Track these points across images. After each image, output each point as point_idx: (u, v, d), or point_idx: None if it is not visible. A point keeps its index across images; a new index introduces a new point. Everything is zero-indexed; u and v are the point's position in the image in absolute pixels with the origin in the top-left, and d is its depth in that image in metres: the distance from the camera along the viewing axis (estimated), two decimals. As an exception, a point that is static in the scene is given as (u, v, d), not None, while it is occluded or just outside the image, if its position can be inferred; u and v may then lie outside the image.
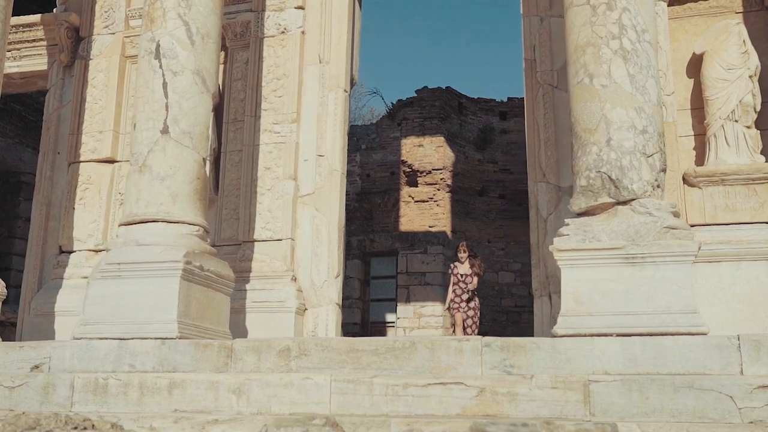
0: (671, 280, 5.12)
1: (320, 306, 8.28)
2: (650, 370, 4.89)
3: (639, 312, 5.11)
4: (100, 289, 6.20)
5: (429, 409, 4.86)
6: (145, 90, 6.64)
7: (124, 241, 6.31)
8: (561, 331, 5.17)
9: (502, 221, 20.78)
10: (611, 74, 5.59)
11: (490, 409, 4.76)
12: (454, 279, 10.45)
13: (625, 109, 5.53)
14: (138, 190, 6.46)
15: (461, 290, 10.33)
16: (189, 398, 5.30)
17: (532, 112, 8.19)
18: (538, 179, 8.02)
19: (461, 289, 10.33)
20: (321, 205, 8.54)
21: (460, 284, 10.39)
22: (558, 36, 8.19)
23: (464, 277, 10.34)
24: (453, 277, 10.46)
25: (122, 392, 5.45)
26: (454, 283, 10.45)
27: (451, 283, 10.48)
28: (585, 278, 5.27)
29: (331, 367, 5.41)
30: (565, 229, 5.59)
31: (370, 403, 4.96)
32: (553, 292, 7.71)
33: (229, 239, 8.56)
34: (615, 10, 5.69)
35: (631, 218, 5.39)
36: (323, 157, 8.64)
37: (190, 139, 6.58)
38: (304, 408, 5.06)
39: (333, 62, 8.87)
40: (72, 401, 5.53)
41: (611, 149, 5.49)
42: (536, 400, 4.72)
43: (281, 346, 5.58)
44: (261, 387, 5.18)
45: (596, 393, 4.65)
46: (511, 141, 21.23)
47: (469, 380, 4.89)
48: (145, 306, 6.05)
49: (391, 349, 5.36)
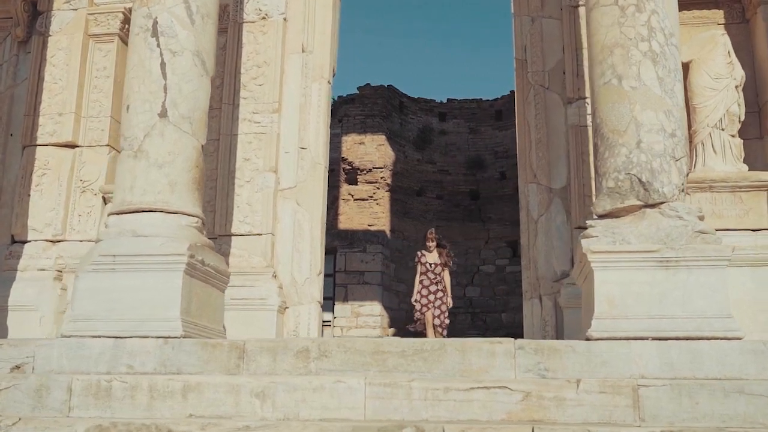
0: (705, 284, 5.12)
1: (302, 304, 7.97)
2: (687, 374, 4.87)
3: (674, 316, 5.08)
4: (92, 282, 5.71)
5: (472, 414, 4.67)
6: (141, 70, 6.17)
7: (119, 232, 5.83)
8: (596, 334, 5.09)
9: (440, 222, 20.78)
10: (641, 76, 5.56)
11: (536, 414, 4.61)
12: (422, 269, 9.38)
13: (655, 112, 5.51)
14: (133, 176, 5.98)
15: (429, 281, 9.26)
16: (206, 402, 4.91)
17: (523, 112, 8.13)
18: (529, 180, 7.97)
19: (429, 280, 9.26)
20: (303, 200, 8.22)
21: (428, 274, 9.30)
22: (550, 37, 8.20)
23: (433, 267, 9.28)
24: (420, 267, 9.40)
25: (129, 396, 5.00)
26: (422, 273, 9.37)
27: (418, 273, 9.41)
28: (618, 281, 5.20)
29: (354, 370, 5.14)
30: (592, 231, 5.51)
31: (408, 408, 4.72)
32: (544, 294, 7.69)
33: (98, 239, 8.14)
34: (644, 12, 5.67)
35: (660, 221, 5.36)
36: (306, 149, 8.33)
37: (190, 124, 6.16)
38: (336, 414, 4.77)
39: (317, 52, 8.57)
40: (70, 405, 5.04)
41: (641, 151, 5.45)
42: (584, 405, 4.61)
43: (299, 347, 5.26)
44: (288, 391, 4.85)
45: (645, 398, 4.57)
46: (449, 142, 21.32)
47: (513, 384, 4.73)
48: (145, 302, 5.60)
49: (419, 351, 5.14)
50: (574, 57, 8.01)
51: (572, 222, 7.71)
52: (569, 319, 7.30)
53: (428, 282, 9.22)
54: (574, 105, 7.93)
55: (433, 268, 9.23)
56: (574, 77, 7.97)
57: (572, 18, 8.10)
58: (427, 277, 9.24)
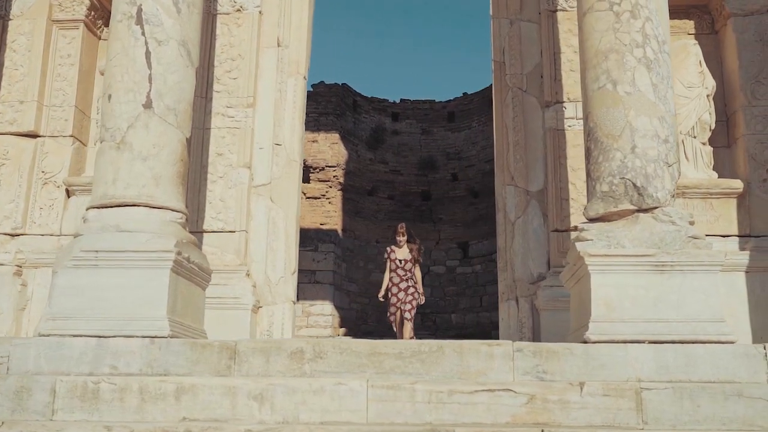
0: (699, 289, 5.20)
1: (275, 304, 7.81)
2: (682, 377, 4.94)
3: (669, 320, 5.15)
4: (73, 279, 5.45)
5: (476, 417, 4.63)
6: (124, 58, 5.93)
7: (101, 226, 5.58)
8: (593, 337, 5.12)
9: (391, 222, 20.75)
10: (635, 82, 5.62)
11: (540, 417, 4.61)
12: (392, 265, 9.01)
13: (649, 118, 5.58)
14: (115, 169, 5.74)
15: (400, 278, 8.89)
16: (201, 405, 4.74)
17: (501, 114, 8.15)
18: (506, 182, 7.99)
19: (400, 277, 8.89)
20: (278, 197, 8.06)
21: (398, 271, 8.93)
22: (528, 40, 8.24)
23: (403, 263, 8.92)
24: (390, 263, 9.04)
25: (117, 398, 4.79)
26: (392, 270, 9.00)
27: (388, 270, 9.04)
28: (615, 284, 5.25)
29: (350, 372, 5.04)
30: (586, 234, 5.54)
31: (412, 411, 4.66)
32: (520, 296, 7.72)
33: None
34: (639, 18, 5.73)
35: (653, 226, 5.44)
36: (281, 146, 8.17)
37: (175, 116, 5.95)
38: (337, 417, 4.67)
39: (293, 46, 8.42)
40: (53, 408, 4.80)
41: (636, 156, 5.51)
42: (588, 408, 4.63)
43: (293, 348, 5.14)
44: (287, 393, 4.73)
45: (648, 401, 4.62)
46: (402, 142, 21.33)
47: (518, 387, 4.71)
48: (129, 300, 5.38)
49: (416, 353, 5.08)
50: (552, 61, 8.08)
51: (549, 225, 7.77)
52: (547, 321, 7.35)
53: (398, 279, 8.91)
54: (551, 109, 7.99)
55: (403, 264, 8.93)
56: (552, 81, 8.03)
57: (550, 22, 8.16)
58: (397, 275, 8.93)
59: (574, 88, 7.97)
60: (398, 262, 8.95)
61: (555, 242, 7.68)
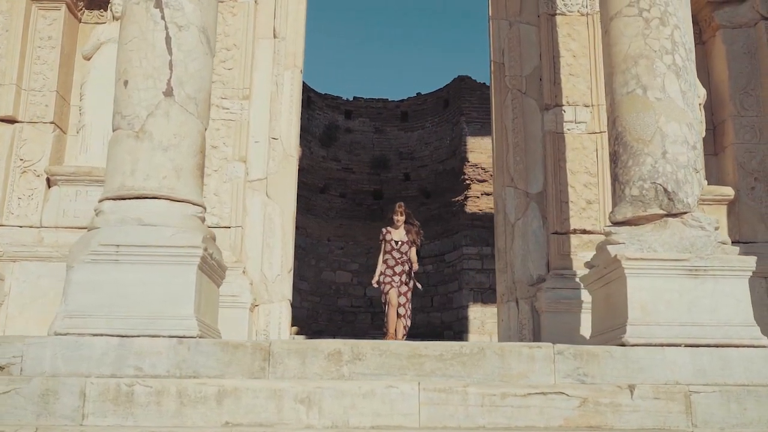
0: (731, 293, 5.29)
1: (272, 302, 7.59)
2: (718, 380, 5.01)
3: (703, 323, 5.22)
4: (91, 274, 5.13)
5: (529, 420, 4.58)
6: (142, 42, 5.62)
7: (121, 219, 5.27)
8: (632, 339, 5.14)
9: (342, 220, 20.66)
10: (665, 88, 5.68)
11: (593, 420, 4.59)
12: (387, 247, 8.16)
13: (679, 124, 5.65)
14: (134, 159, 5.43)
15: (395, 260, 8.06)
16: (244, 409, 4.52)
17: (501, 116, 8.14)
18: (506, 184, 7.98)
19: (395, 260, 8.05)
20: (274, 192, 7.84)
21: (393, 253, 8.08)
22: (527, 43, 8.27)
23: (399, 245, 8.08)
24: (385, 245, 8.19)
25: (154, 401, 4.52)
26: (387, 251, 8.15)
27: (382, 252, 8.21)
28: (650, 288, 5.29)
29: (390, 374, 4.91)
30: (617, 237, 5.57)
31: (464, 415, 4.57)
32: (520, 298, 7.73)
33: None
34: (668, 26, 5.80)
35: (683, 231, 5.51)
36: (277, 140, 7.96)
37: (195, 105, 5.68)
38: (388, 420, 4.53)
39: (289, 38, 8.21)
40: (83, 413, 4.49)
41: (667, 162, 5.57)
42: (639, 411, 4.64)
43: (331, 349, 4.97)
44: (335, 396, 4.56)
45: (697, 404, 4.67)
46: (355, 141, 21.20)
47: (570, 389, 4.69)
48: (153, 298, 5.10)
49: (457, 354, 4.99)
50: (551, 65, 8.12)
51: (548, 227, 7.80)
52: (549, 323, 7.38)
53: (393, 262, 8.08)
54: (551, 112, 8.03)
55: (399, 246, 8.11)
56: (551, 84, 8.07)
57: (550, 26, 8.20)
58: (392, 257, 8.10)
59: (572, 91, 8.05)
60: (394, 243, 8.13)
61: (555, 244, 7.71)
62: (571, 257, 7.63)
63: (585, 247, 7.65)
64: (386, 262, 8.09)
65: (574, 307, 7.31)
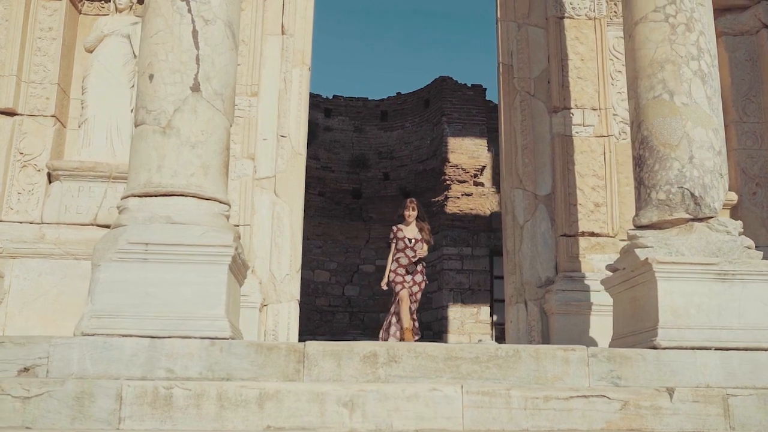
0: (758, 297, 5.36)
1: (280, 302, 7.49)
2: (747, 383, 5.07)
3: (732, 327, 5.28)
4: (118, 273, 4.98)
5: (571, 423, 4.58)
6: (168, 36, 5.48)
7: (149, 217, 5.13)
8: (664, 343, 5.17)
9: (321, 219, 20.54)
10: (692, 94, 5.74)
11: (634, 423, 4.61)
12: (399, 245, 7.64)
13: (705, 129, 5.71)
14: (161, 155, 5.30)
15: (408, 259, 7.53)
16: (287, 413, 4.43)
17: (509, 117, 8.15)
18: (515, 185, 7.99)
19: (408, 258, 7.53)
20: (283, 191, 7.74)
21: (406, 251, 7.55)
22: (535, 45, 8.30)
23: (413, 243, 7.57)
24: (398, 242, 7.66)
25: (193, 404, 4.40)
26: (399, 249, 7.61)
27: (393, 250, 7.70)
28: (680, 291, 5.33)
29: (426, 376, 4.87)
30: (645, 241, 5.61)
31: (507, 418, 4.54)
32: (529, 300, 7.74)
33: (115, 224, 7.41)
34: (693, 32, 5.86)
35: (708, 235, 5.56)
36: (286, 138, 7.85)
37: (222, 102, 5.56)
38: (432, 424, 4.48)
39: (298, 35, 8.10)
40: (120, 416, 4.35)
41: (694, 167, 5.63)
42: (679, 414, 4.66)
43: (366, 351, 4.90)
44: (379, 399, 4.50)
45: (735, 407, 4.71)
46: (334, 139, 21.10)
47: (611, 393, 4.69)
48: (184, 297, 4.97)
49: (493, 357, 4.97)
50: (560, 68, 8.15)
51: (557, 229, 7.83)
52: (560, 325, 7.41)
53: (406, 261, 7.55)
54: (559, 114, 8.06)
55: (412, 244, 7.59)
56: (560, 87, 8.10)
57: (558, 29, 8.23)
58: (405, 255, 7.56)
59: (581, 95, 8.10)
60: (407, 241, 7.60)
61: (563, 247, 7.74)
62: (580, 260, 7.68)
63: (593, 250, 7.71)
64: (398, 261, 7.61)
65: (584, 309, 7.36)
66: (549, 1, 8.34)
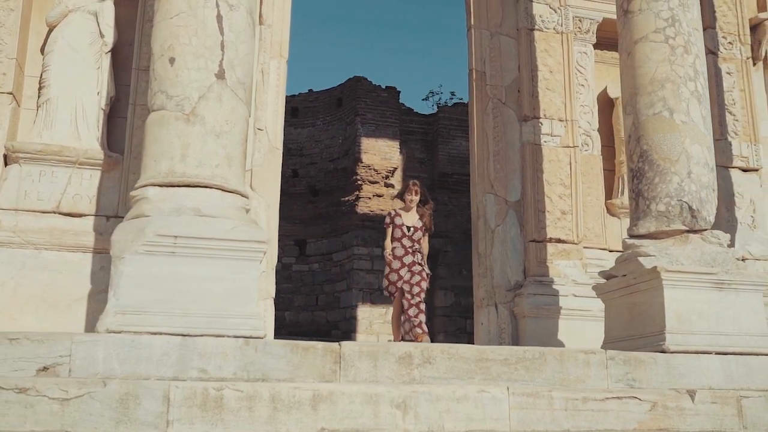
0: (749, 306, 5.77)
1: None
2: (743, 385, 5.45)
3: (729, 333, 5.64)
4: (145, 267, 4.68)
5: (607, 424, 4.75)
6: (191, 18, 5.21)
7: (175, 208, 4.85)
8: (672, 347, 5.46)
9: (280, 220, 20.07)
10: (689, 112, 6.09)
11: (662, 423, 4.84)
12: (396, 233, 6.89)
13: (701, 146, 6.07)
14: (184, 144, 5.02)
15: (405, 250, 6.87)
16: (341, 414, 4.33)
17: (482, 123, 8.30)
18: (486, 190, 8.15)
19: (405, 249, 6.87)
20: (259, 186, 7.50)
21: (403, 241, 6.87)
22: (507, 54, 8.51)
23: (412, 231, 6.90)
24: (395, 230, 6.91)
25: (245, 407, 4.21)
26: (396, 238, 6.90)
27: (389, 239, 6.96)
28: (683, 299, 5.63)
29: (459, 377, 4.91)
30: (646, 249, 5.89)
31: (550, 419, 4.66)
32: (499, 303, 7.93)
33: (140, 213, 7.02)
34: (690, 54, 6.21)
35: (703, 247, 5.92)
36: (263, 131, 7.62)
37: (244, 91, 5.36)
38: (481, 425, 4.52)
39: (275, 26, 7.89)
40: (168, 419, 4.10)
41: (691, 181, 5.97)
42: (700, 415, 4.95)
43: (402, 352, 4.87)
44: (430, 401, 4.49)
45: (747, 408, 5.05)
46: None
47: (642, 394, 4.91)
48: (215, 294, 4.75)
49: (521, 359, 5.07)
50: (530, 78, 8.39)
51: (526, 235, 8.06)
52: (530, 328, 7.63)
53: (403, 251, 6.90)
54: (529, 123, 8.30)
55: (411, 233, 6.93)
56: (530, 97, 8.35)
57: (529, 40, 8.48)
58: (402, 245, 6.92)
59: (549, 105, 8.38)
60: (405, 229, 6.94)
61: (532, 252, 7.98)
62: (548, 265, 7.94)
63: (560, 256, 7.99)
64: (394, 251, 6.94)
65: (554, 313, 7.63)
66: (520, 12, 8.57)
